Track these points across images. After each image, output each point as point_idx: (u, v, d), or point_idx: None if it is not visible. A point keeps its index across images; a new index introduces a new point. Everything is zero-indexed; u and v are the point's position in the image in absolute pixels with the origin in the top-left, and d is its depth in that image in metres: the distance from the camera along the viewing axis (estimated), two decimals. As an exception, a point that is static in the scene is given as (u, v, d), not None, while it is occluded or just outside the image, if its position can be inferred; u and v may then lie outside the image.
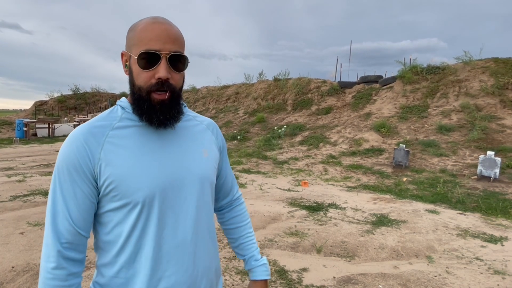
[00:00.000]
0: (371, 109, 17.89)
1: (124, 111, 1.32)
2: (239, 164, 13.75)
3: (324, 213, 7.54)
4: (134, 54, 1.24)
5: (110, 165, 1.22)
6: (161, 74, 1.22)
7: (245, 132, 19.46)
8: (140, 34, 1.24)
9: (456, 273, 4.90)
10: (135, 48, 1.24)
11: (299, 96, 22.21)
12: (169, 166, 1.30)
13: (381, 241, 6.03)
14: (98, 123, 1.27)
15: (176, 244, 1.30)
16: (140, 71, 1.24)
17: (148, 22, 1.25)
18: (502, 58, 16.62)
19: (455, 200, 8.67)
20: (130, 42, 1.28)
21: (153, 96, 1.24)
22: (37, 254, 5.13)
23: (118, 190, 1.23)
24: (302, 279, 4.62)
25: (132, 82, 1.28)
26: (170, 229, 1.29)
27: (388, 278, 4.71)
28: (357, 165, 12.39)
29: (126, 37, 1.32)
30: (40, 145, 20.16)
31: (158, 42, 1.22)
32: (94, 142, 1.22)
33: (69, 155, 1.21)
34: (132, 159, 1.24)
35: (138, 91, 1.26)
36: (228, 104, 27.24)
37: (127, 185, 1.22)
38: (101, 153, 1.22)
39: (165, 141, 1.33)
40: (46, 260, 1.21)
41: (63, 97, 38.44)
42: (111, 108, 1.36)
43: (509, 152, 11.26)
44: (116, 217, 1.26)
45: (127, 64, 1.31)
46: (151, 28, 1.23)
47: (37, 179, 10.40)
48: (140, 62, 1.23)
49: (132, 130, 1.29)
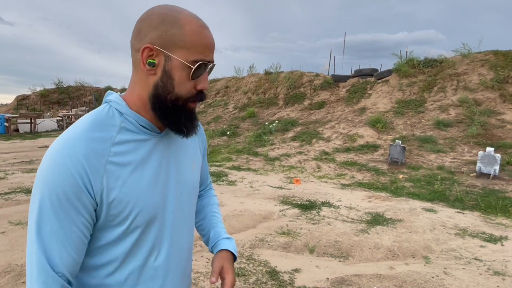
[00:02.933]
0: (366, 104, 17.91)
1: (123, 118, 1.18)
2: (228, 161, 13.72)
3: (317, 212, 7.54)
4: (182, 59, 1.12)
5: (114, 190, 1.11)
6: (206, 86, 1.19)
7: (235, 128, 19.40)
8: (192, 37, 1.13)
9: (454, 274, 4.90)
10: (184, 52, 1.12)
11: (291, 90, 22.18)
12: (171, 184, 1.27)
13: (376, 241, 6.03)
14: (96, 135, 1.11)
15: (173, 261, 1.32)
16: (187, 80, 1.15)
17: (198, 25, 1.15)
18: (502, 50, 16.64)
19: (453, 198, 8.70)
20: (174, 40, 1.12)
21: (189, 105, 1.19)
22: (19, 254, 5.09)
23: (120, 217, 1.14)
24: (294, 280, 4.61)
25: (167, 88, 1.15)
26: (168, 246, 1.29)
27: (384, 279, 4.71)
28: (352, 162, 12.40)
29: (158, 28, 1.13)
30: (22, 141, 19.95)
31: (210, 52, 1.17)
32: (96, 163, 1.08)
33: (64, 179, 1.03)
34: (137, 182, 1.16)
35: (175, 100, 1.16)
36: (217, 98, 27.15)
37: (130, 210, 1.14)
38: (104, 176, 1.09)
39: (163, 155, 1.26)
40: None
41: (46, 91, 38.33)
42: (103, 109, 1.19)
43: (509, 148, 11.31)
44: (112, 243, 1.18)
45: (153, 62, 1.13)
46: (205, 34, 1.16)
47: (19, 176, 10.33)
48: (196, 72, 1.14)
49: (133, 145, 1.17)
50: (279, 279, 4.61)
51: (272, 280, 4.59)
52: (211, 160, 13.94)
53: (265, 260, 5.16)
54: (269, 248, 5.65)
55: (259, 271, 4.82)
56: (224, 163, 13.43)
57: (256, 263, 5.09)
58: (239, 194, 8.99)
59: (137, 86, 1.19)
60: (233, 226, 6.59)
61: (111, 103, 1.20)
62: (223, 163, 13.34)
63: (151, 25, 1.13)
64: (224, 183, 10.20)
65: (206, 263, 5.00)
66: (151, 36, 1.12)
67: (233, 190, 9.39)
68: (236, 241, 5.83)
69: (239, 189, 9.50)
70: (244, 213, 7.33)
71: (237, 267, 4.89)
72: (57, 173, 1.03)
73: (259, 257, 5.28)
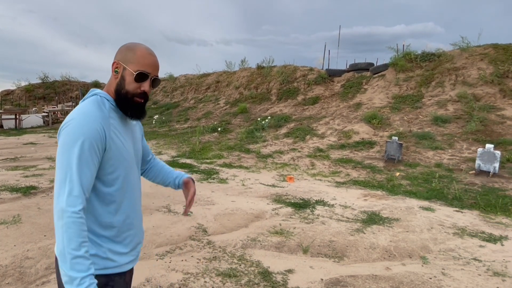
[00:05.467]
0: (361, 99, 17.94)
1: (109, 103, 1.96)
2: (219, 158, 13.69)
3: (311, 211, 7.53)
4: (131, 69, 1.92)
5: (113, 143, 1.88)
6: (146, 89, 1.97)
7: (226, 124, 19.38)
8: (139, 58, 1.94)
9: (453, 275, 4.91)
10: (132, 65, 1.93)
11: (284, 85, 22.19)
12: (136, 145, 2.15)
13: (372, 241, 6.03)
14: (101, 113, 1.87)
15: (137, 205, 2.16)
16: (132, 82, 1.93)
17: (146, 52, 1.97)
18: (502, 44, 16.72)
19: (451, 197, 8.72)
20: (128, 59, 1.94)
21: (136, 99, 1.96)
22: (3, 255, 5.04)
23: (114, 158, 1.91)
24: (288, 281, 4.60)
25: (121, 86, 1.95)
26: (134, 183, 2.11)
27: (380, 280, 4.71)
28: (347, 159, 12.41)
29: (121, 52, 1.99)
30: (6, 137, 19.83)
31: (150, 68, 1.96)
32: (106, 126, 1.85)
33: (93, 132, 1.78)
34: (121, 141, 1.95)
35: (125, 94, 1.94)
36: (208, 93, 27.14)
37: (120, 156, 1.94)
38: (110, 134, 1.87)
39: (131, 128, 2.12)
40: (72, 205, 1.70)
41: (31, 86, 38.44)
42: (97, 98, 1.94)
43: (509, 145, 11.36)
44: (112, 172, 1.93)
45: (117, 71, 1.97)
46: (149, 57, 1.96)
47: (3, 174, 10.25)
48: (136, 77, 1.92)
49: (118, 120, 1.98)
50: (272, 280, 4.59)
51: (264, 281, 4.57)
52: (202, 157, 13.91)
53: (257, 261, 5.14)
54: (262, 248, 5.63)
55: (251, 272, 4.80)
56: (215, 160, 13.40)
57: (248, 263, 5.07)
58: (230, 192, 8.97)
59: (111, 85, 2.01)
60: (224, 225, 6.58)
61: (100, 94, 1.97)
62: (214, 161, 13.32)
63: (120, 51, 2.00)
64: (215, 181, 10.18)
65: (196, 263, 4.98)
66: (118, 57, 1.99)
67: (224, 188, 9.37)
68: (227, 241, 5.83)
69: (230, 187, 9.48)
70: (236, 212, 7.31)
71: (228, 267, 4.87)
72: (89, 128, 1.78)
73: (251, 257, 5.26)
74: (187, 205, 2.39)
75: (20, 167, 11.40)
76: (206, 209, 7.43)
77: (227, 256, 5.29)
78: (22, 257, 5.02)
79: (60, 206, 1.69)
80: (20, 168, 11.23)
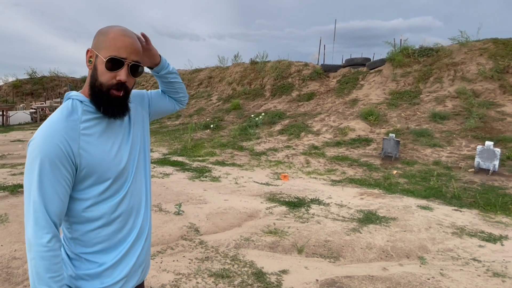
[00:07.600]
0: (357, 95, 17.95)
1: (83, 104, 1.71)
2: (212, 156, 13.67)
3: (306, 210, 7.53)
4: (102, 56, 1.66)
5: (87, 150, 1.65)
6: (123, 78, 1.68)
7: (219, 120, 19.35)
8: (111, 41, 1.67)
9: (451, 276, 4.92)
10: (104, 51, 1.67)
11: (278, 80, 22.17)
12: (126, 149, 1.84)
13: (368, 240, 6.04)
14: (69, 118, 1.66)
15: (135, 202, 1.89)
16: (105, 71, 1.67)
17: (119, 33, 1.70)
18: (502, 38, 16.75)
19: (450, 195, 8.75)
20: (100, 44, 1.70)
21: (112, 92, 1.69)
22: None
23: (93, 172, 1.68)
24: (282, 282, 4.59)
25: (94, 77, 1.70)
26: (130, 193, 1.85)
27: (376, 281, 4.71)
28: (342, 157, 12.42)
29: (95, 38, 1.74)
30: (-9, 134, 19.80)
31: (125, 52, 1.67)
32: (73, 135, 1.62)
33: (53, 148, 1.57)
34: (101, 147, 1.71)
35: (99, 86, 1.69)
36: (200, 89, 27.08)
37: (100, 168, 1.70)
38: (79, 142, 1.64)
39: (123, 127, 1.85)
40: (38, 237, 1.58)
41: (18, 81, 38.33)
42: (68, 103, 1.72)
43: (509, 142, 11.40)
44: (91, 191, 1.72)
45: (91, 60, 1.72)
46: (122, 39, 1.68)
47: (-16, 172, 10.18)
48: (107, 64, 1.66)
49: (94, 121, 1.72)
50: (266, 281, 4.59)
51: (258, 282, 4.57)
52: (194, 154, 13.90)
53: (251, 261, 5.14)
54: (255, 248, 5.62)
55: (245, 273, 4.79)
56: (207, 158, 13.39)
57: (242, 264, 5.06)
58: (223, 190, 8.95)
59: (87, 79, 1.76)
60: (217, 225, 6.56)
61: (72, 97, 1.74)
62: (206, 158, 13.30)
63: (94, 37, 1.76)
64: (208, 179, 10.16)
65: (188, 264, 4.96)
66: (92, 43, 1.74)
67: (217, 186, 9.36)
68: (220, 241, 5.82)
69: (223, 186, 9.46)
70: (229, 211, 7.30)
71: (221, 268, 4.86)
72: (49, 144, 1.57)
73: (244, 257, 5.25)
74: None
75: (7, 165, 11.36)
76: (198, 208, 7.42)
77: (219, 256, 5.28)
78: (10, 257, 5.00)
79: (27, 237, 1.60)
80: (7, 166, 11.19)
